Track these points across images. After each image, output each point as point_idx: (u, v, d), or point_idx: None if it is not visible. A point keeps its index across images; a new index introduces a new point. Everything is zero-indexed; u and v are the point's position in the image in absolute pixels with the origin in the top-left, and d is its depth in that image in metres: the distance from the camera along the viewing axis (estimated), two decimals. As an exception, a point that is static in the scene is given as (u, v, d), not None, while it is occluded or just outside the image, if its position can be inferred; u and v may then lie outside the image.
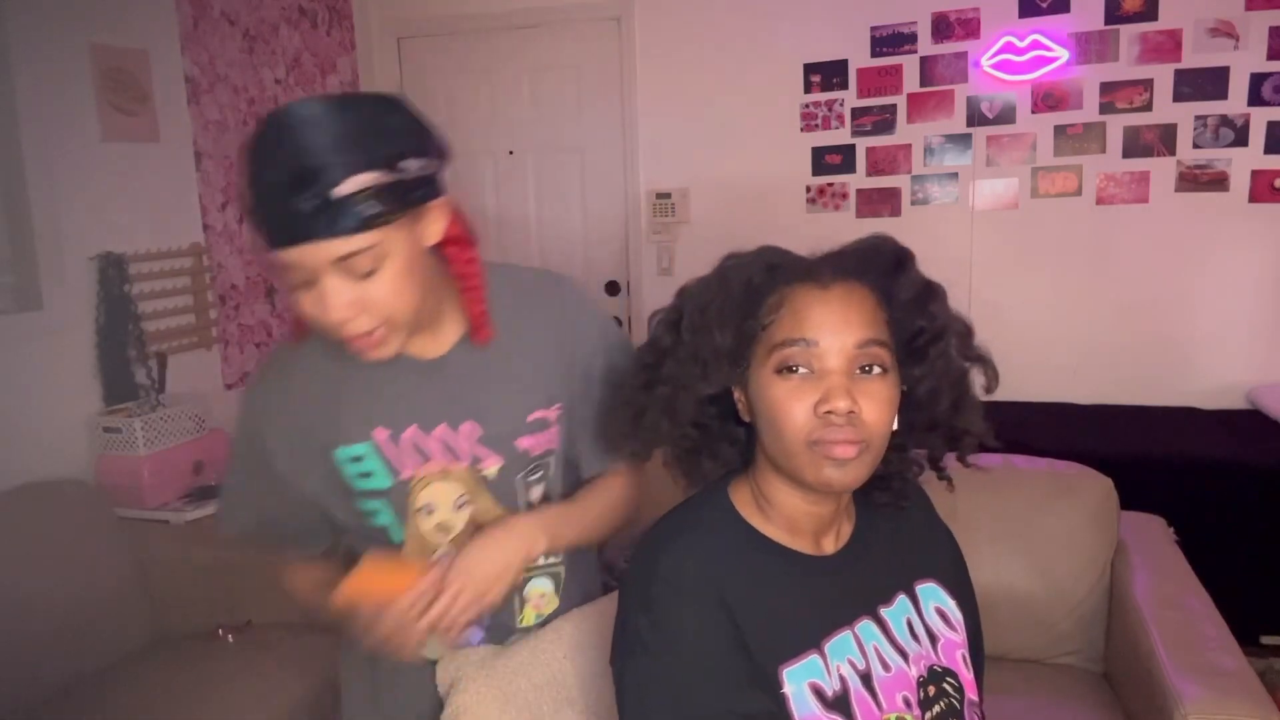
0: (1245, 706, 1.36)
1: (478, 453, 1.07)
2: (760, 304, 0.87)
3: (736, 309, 0.87)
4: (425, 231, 0.96)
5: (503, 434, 1.07)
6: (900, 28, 3.13)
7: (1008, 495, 1.92)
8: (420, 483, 1.05)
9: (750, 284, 0.87)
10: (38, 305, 2.31)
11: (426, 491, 1.06)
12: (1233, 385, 2.99)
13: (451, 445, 1.06)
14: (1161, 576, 1.79)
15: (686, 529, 0.91)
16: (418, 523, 1.06)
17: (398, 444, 1.04)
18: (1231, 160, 2.90)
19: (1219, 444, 2.63)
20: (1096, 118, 3.00)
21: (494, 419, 1.06)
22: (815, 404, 0.82)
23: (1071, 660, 1.88)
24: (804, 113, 3.26)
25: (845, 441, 0.82)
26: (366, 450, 1.04)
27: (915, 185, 3.20)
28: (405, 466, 1.04)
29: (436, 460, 1.05)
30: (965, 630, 0.98)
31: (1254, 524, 2.44)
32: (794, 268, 0.88)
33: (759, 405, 0.87)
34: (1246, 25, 2.82)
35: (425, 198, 0.94)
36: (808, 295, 0.86)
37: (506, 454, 1.07)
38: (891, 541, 0.97)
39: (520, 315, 1.09)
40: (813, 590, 0.89)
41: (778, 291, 0.87)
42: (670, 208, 3.44)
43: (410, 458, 1.05)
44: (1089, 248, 3.08)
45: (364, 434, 1.04)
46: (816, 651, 0.86)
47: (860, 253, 0.90)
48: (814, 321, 0.84)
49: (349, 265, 0.89)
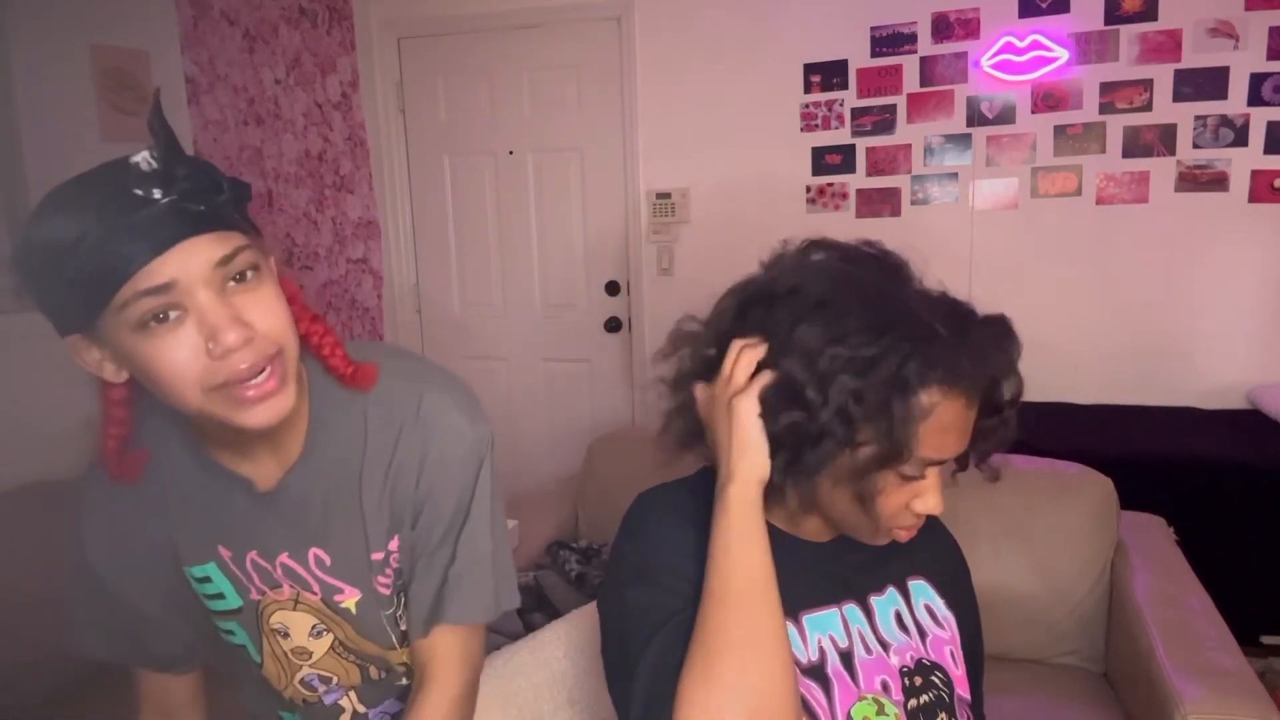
0: (1245, 706, 1.36)
1: (329, 583, 0.96)
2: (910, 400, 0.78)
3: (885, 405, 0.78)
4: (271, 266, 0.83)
5: (353, 565, 0.95)
6: (900, 28, 3.13)
7: (1008, 495, 1.91)
8: (270, 605, 0.97)
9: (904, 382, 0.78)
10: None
11: (279, 615, 0.97)
12: (1233, 385, 2.99)
13: (298, 575, 0.95)
14: (1161, 576, 1.79)
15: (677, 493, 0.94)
16: (274, 643, 0.99)
17: (243, 566, 0.95)
18: (1231, 160, 2.90)
19: (1219, 444, 2.63)
20: (1096, 118, 2.99)
21: (341, 550, 0.95)
22: (910, 501, 0.85)
23: (1071, 660, 1.88)
24: (804, 113, 3.26)
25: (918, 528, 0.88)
26: (212, 570, 0.95)
27: (915, 185, 3.20)
28: (253, 589, 0.96)
29: (285, 588, 0.96)
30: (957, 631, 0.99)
31: (1254, 524, 2.44)
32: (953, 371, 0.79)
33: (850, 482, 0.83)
34: (1246, 25, 2.82)
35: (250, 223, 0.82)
36: (956, 412, 0.80)
37: (363, 588, 0.96)
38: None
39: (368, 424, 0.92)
40: (800, 566, 0.91)
41: (930, 392, 0.79)
42: (670, 208, 3.44)
43: (256, 581, 0.95)
44: (1089, 248, 3.08)
45: (208, 554, 0.95)
46: (790, 620, 0.87)
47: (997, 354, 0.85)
48: (953, 442, 0.82)
49: (227, 272, 0.75)
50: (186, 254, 0.73)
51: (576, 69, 3.49)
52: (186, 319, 0.75)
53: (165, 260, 0.72)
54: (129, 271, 0.72)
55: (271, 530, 0.93)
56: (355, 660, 1.02)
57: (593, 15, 3.42)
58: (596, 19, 3.42)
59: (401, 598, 0.98)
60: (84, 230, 0.72)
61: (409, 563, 0.96)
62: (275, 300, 0.80)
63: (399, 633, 0.99)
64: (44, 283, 0.75)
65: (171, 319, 0.74)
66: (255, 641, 0.99)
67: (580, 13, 3.42)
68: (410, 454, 0.92)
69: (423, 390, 0.93)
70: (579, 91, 3.50)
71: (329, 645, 0.99)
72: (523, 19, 3.47)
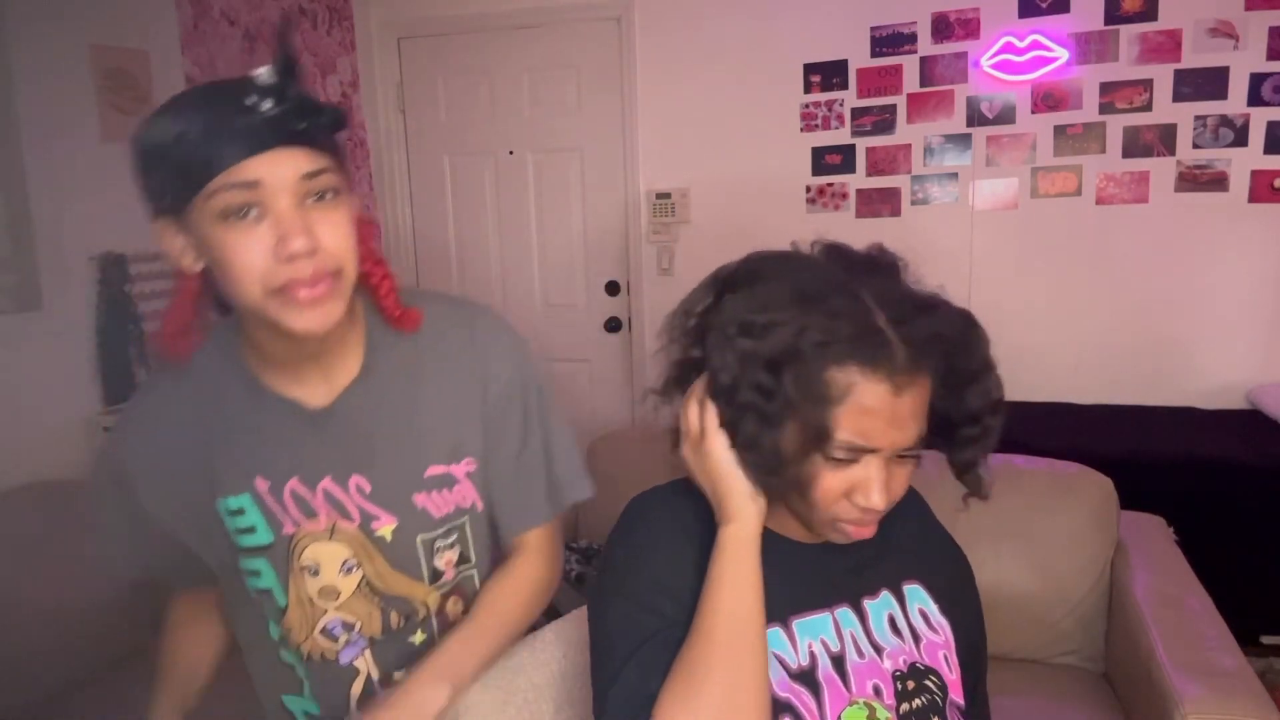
0: (1245, 706, 1.36)
1: (368, 510, 0.98)
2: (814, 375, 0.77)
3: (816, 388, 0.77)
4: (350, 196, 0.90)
5: (395, 491, 0.98)
6: (900, 28, 3.13)
7: (1008, 495, 1.92)
8: (304, 539, 0.97)
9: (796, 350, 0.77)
10: (38, 305, 2.31)
11: (311, 550, 0.97)
12: (1233, 385, 2.99)
13: (338, 501, 0.97)
14: (1161, 576, 1.79)
15: (672, 497, 0.94)
16: (301, 584, 0.99)
17: (279, 496, 0.96)
18: (1231, 160, 2.90)
19: (1219, 444, 2.63)
20: (1096, 118, 3.00)
21: (384, 474, 0.98)
22: (851, 489, 0.82)
23: (1071, 660, 1.88)
24: (804, 113, 3.26)
25: (869, 525, 0.86)
26: (246, 502, 0.96)
27: (915, 185, 3.20)
28: (287, 521, 0.96)
29: (322, 517, 0.97)
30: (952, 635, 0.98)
31: (1254, 524, 2.44)
32: (871, 348, 0.77)
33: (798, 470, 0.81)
34: (1246, 25, 2.82)
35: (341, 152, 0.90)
36: (879, 396, 0.77)
37: (401, 513, 0.99)
38: (882, 539, 0.96)
39: (423, 355, 0.99)
40: (792, 569, 0.91)
41: (847, 370, 0.77)
42: (670, 208, 3.44)
43: (293, 512, 0.97)
44: (1089, 248, 3.08)
45: (244, 484, 0.96)
46: (780, 624, 0.87)
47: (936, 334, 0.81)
48: (879, 429, 0.78)
49: (309, 186, 0.83)
50: (278, 160, 0.81)
51: (576, 69, 3.49)
52: (264, 219, 0.82)
53: (258, 161, 0.80)
54: (224, 165, 0.80)
55: (316, 453, 0.96)
56: (380, 603, 1.02)
57: (593, 15, 3.42)
58: (596, 19, 3.42)
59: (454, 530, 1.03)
60: (194, 124, 0.80)
61: (488, 477, 1.03)
62: (346, 225, 0.86)
63: (433, 568, 1.03)
64: (149, 168, 0.84)
65: (251, 216, 0.81)
66: (283, 581, 0.99)
67: (580, 13, 3.42)
68: (473, 372, 1.01)
69: (473, 315, 1.05)
70: (579, 91, 3.50)
71: (356, 583, 1.00)
72: (523, 19, 3.47)
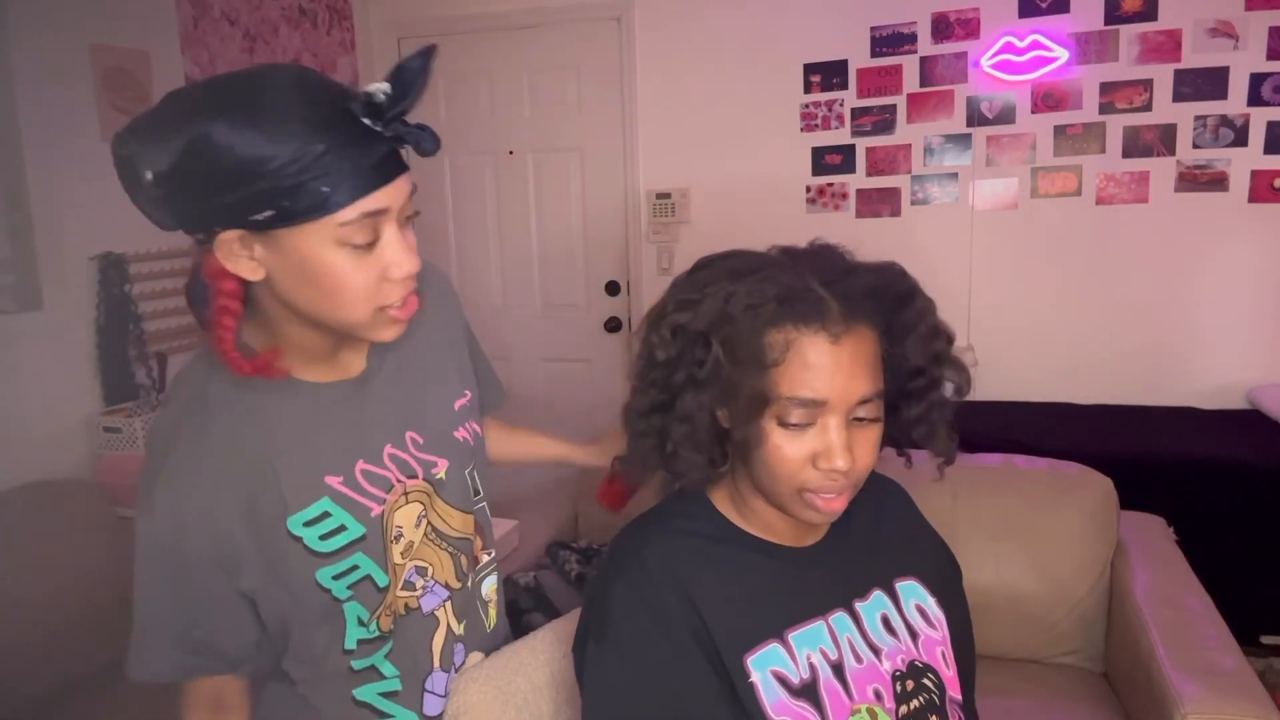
0: (1245, 706, 1.36)
1: (426, 460, 1.02)
2: (762, 339, 0.80)
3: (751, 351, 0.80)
4: None
5: (442, 433, 1.04)
6: (900, 28, 3.13)
7: (1008, 495, 1.92)
8: (391, 510, 0.98)
9: (726, 316, 0.81)
10: (38, 305, 2.31)
11: (396, 516, 0.98)
12: (1233, 385, 2.99)
13: (403, 461, 0.99)
14: (1161, 576, 1.79)
15: (662, 522, 0.93)
16: (391, 555, 0.98)
17: (355, 484, 0.95)
18: (1231, 160, 2.90)
19: (1219, 444, 2.63)
20: (1096, 118, 3.00)
21: (430, 420, 1.03)
22: (814, 456, 0.82)
23: (1071, 660, 1.88)
24: (804, 113, 3.26)
25: (838, 493, 0.84)
26: (327, 505, 0.93)
27: (915, 185, 3.20)
28: (372, 504, 0.96)
29: (396, 486, 0.98)
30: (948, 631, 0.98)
31: (1254, 524, 2.44)
32: (804, 304, 0.80)
33: (754, 443, 0.83)
34: (1246, 25, 2.82)
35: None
36: (818, 348, 0.80)
37: (450, 453, 1.04)
38: (870, 538, 0.98)
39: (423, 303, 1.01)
40: (783, 580, 0.90)
41: (783, 330, 0.80)
42: (670, 208, 3.44)
43: (372, 492, 0.96)
44: (1089, 248, 3.08)
45: (316, 489, 0.92)
46: (777, 640, 0.87)
47: (870, 288, 0.83)
48: (824, 380, 0.80)
49: (408, 207, 0.85)
50: (398, 189, 0.82)
51: (576, 69, 3.49)
52: (376, 245, 0.83)
53: (386, 191, 0.81)
54: (356, 196, 0.79)
55: (370, 423, 0.97)
56: (445, 546, 1.04)
57: (593, 15, 3.42)
58: (596, 19, 3.42)
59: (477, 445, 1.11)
60: (308, 144, 0.76)
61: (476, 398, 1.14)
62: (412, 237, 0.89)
63: (473, 489, 1.09)
64: (224, 179, 0.76)
65: (367, 244, 0.82)
66: (382, 564, 0.97)
67: (580, 13, 3.42)
68: (451, 308, 1.13)
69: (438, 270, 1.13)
70: (579, 91, 3.50)
71: (424, 532, 1.02)
72: (523, 19, 3.47)
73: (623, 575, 0.88)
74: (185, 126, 0.75)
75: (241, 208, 0.77)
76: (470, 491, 1.09)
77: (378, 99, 0.78)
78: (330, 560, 0.93)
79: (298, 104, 0.77)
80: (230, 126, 0.75)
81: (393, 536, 0.98)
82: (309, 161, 0.76)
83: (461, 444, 1.06)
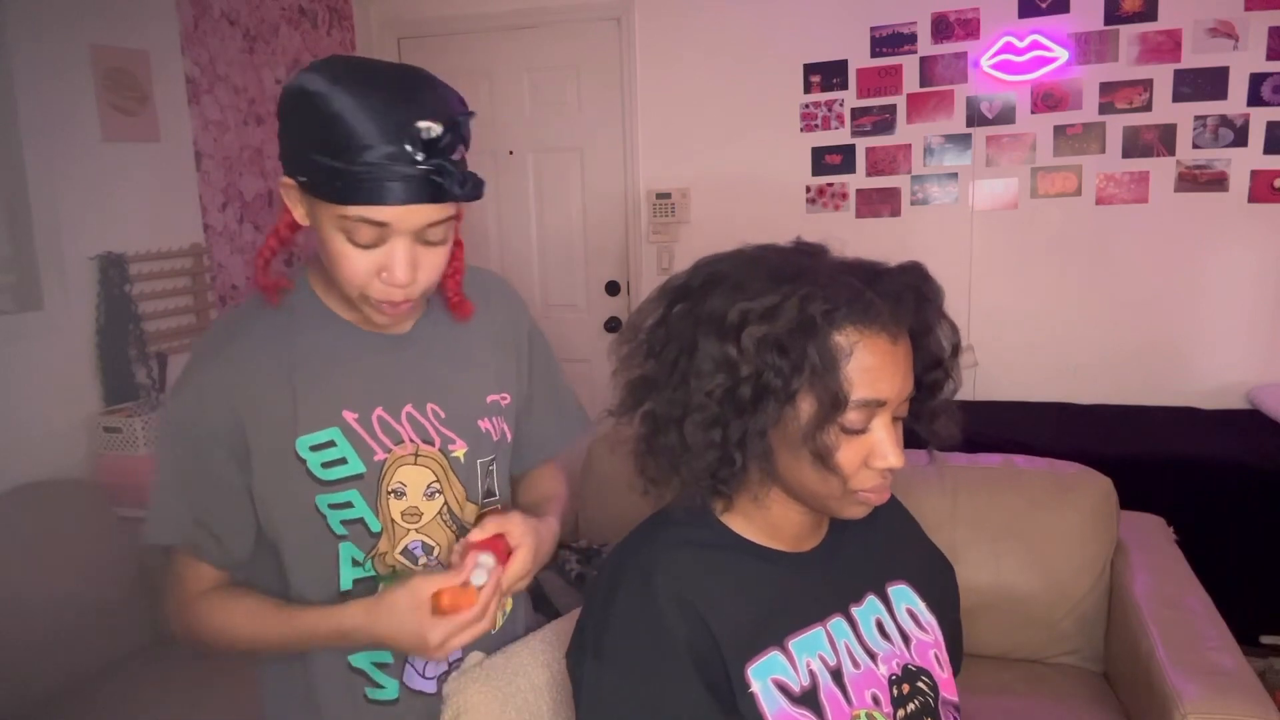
0: (1245, 706, 1.36)
1: (446, 434, 1.04)
2: (825, 343, 0.79)
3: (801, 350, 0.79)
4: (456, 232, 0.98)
5: (465, 416, 1.06)
6: (900, 28, 3.13)
7: (1008, 495, 1.92)
8: (394, 463, 1.01)
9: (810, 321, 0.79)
10: (38, 305, 2.31)
11: (399, 473, 1.01)
12: (1233, 385, 2.99)
13: (421, 425, 1.03)
14: (1161, 576, 1.79)
15: (665, 532, 0.92)
16: (386, 506, 1.01)
17: (369, 425, 0.99)
18: (1231, 160, 2.90)
19: (1219, 444, 2.63)
20: (1096, 118, 3.00)
21: (456, 399, 1.06)
22: (867, 458, 0.83)
23: (1071, 660, 1.88)
24: (804, 113, 3.26)
25: (886, 490, 0.86)
26: (335, 434, 0.98)
27: (915, 185, 3.20)
28: (378, 448, 1.00)
29: (407, 442, 1.01)
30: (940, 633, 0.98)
31: (1254, 524, 2.44)
32: (861, 306, 0.80)
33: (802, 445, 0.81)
34: (1246, 25, 2.82)
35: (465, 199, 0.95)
36: (879, 349, 0.80)
37: (470, 437, 1.06)
38: (863, 543, 0.98)
39: (478, 304, 1.10)
40: (784, 587, 0.90)
41: (845, 333, 0.80)
42: (670, 208, 3.44)
43: (382, 438, 1.00)
44: (1089, 248, 3.08)
45: (331, 418, 0.97)
46: (778, 648, 0.87)
47: (913, 294, 0.84)
48: (886, 381, 0.81)
49: (431, 232, 0.90)
50: (411, 212, 0.87)
51: (576, 69, 3.49)
52: (381, 249, 0.89)
53: (395, 209, 0.86)
54: (361, 200, 0.85)
55: (398, 381, 1.02)
56: (456, 528, 1.06)
57: (593, 15, 3.42)
58: (596, 19, 3.42)
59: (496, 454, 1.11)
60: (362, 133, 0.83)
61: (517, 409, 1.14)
62: (442, 258, 0.94)
63: (486, 487, 1.10)
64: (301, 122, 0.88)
65: (368, 244, 0.89)
66: (374, 507, 1.00)
67: (580, 13, 3.42)
68: (511, 316, 1.16)
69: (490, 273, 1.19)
70: (579, 91, 3.50)
71: (438, 510, 1.04)
72: (523, 19, 3.47)
73: (625, 592, 0.87)
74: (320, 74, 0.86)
75: (293, 163, 0.90)
76: (483, 483, 1.09)
77: (429, 135, 0.85)
78: (328, 489, 0.98)
79: (381, 109, 0.85)
80: (330, 95, 0.84)
81: (390, 488, 1.01)
82: (348, 151, 0.84)
83: (484, 434, 1.08)
